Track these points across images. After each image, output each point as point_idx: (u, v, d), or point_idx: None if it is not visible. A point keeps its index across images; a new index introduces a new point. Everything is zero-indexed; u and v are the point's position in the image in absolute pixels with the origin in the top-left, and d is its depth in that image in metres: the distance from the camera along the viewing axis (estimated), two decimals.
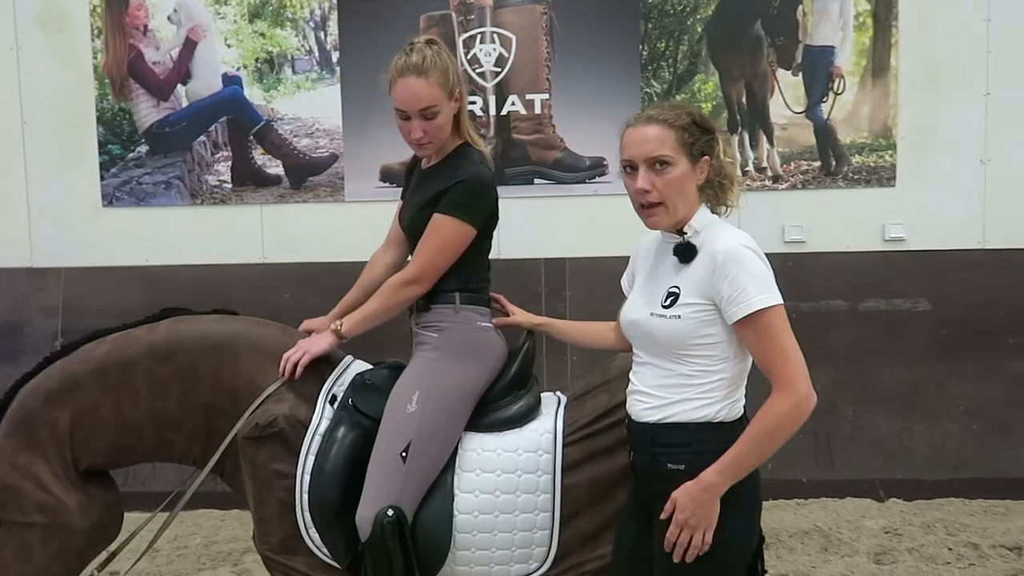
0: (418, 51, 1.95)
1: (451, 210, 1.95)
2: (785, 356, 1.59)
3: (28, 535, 1.96)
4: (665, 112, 1.68)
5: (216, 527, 3.67)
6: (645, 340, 1.71)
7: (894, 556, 3.20)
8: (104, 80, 4.08)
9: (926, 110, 3.92)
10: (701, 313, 1.63)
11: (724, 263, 1.60)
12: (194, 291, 3.94)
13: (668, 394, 1.67)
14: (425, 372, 1.95)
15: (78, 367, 2.00)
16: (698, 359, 1.65)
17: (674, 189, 1.65)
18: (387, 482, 1.86)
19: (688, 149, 1.66)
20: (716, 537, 1.62)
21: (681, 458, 1.65)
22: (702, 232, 1.68)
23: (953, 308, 3.92)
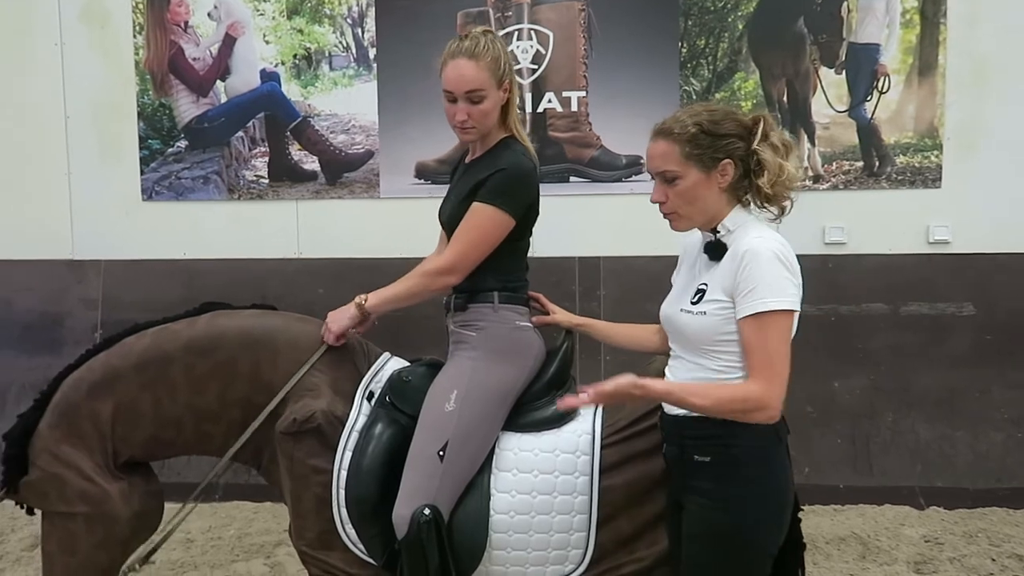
0: (472, 38, 1.96)
1: (489, 198, 1.93)
2: (768, 361, 1.59)
3: (72, 525, 1.99)
4: (673, 123, 1.70)
5: (249, 519, 3.70)
6: (676, 335, 1.75)
7: (935, 566, 3.12)
8: (145, 76, 4.13)
9: (974, 109, 3.82)
10: (724, 310, 1.65)
11: (743, 260, 1.62)
12: (229, 285, 3.98)
13: None
14: (464, 371, 1.94)
15: (119, 360, 2.02)
16: (724, 355, 1.67)
17: (685, 199, 1.69)
18: (424, 480, 1.86)
19: (697, 159, 1.67)
20: (740, 527, 1.64)
21: (708, 450, 1.67)
22: (735, 231, 1.70)
23: (998, 313, 3.82)
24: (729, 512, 1.65)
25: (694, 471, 1.69)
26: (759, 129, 1.69)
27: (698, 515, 1.69)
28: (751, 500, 1.64)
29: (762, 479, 1.65)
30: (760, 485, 1.65)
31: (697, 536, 1.69)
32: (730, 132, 1.68)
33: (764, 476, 1.65)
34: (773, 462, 1.66)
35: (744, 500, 1.64)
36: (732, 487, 1.66)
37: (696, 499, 1.69)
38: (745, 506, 1.64)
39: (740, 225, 1.70)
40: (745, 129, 1.69)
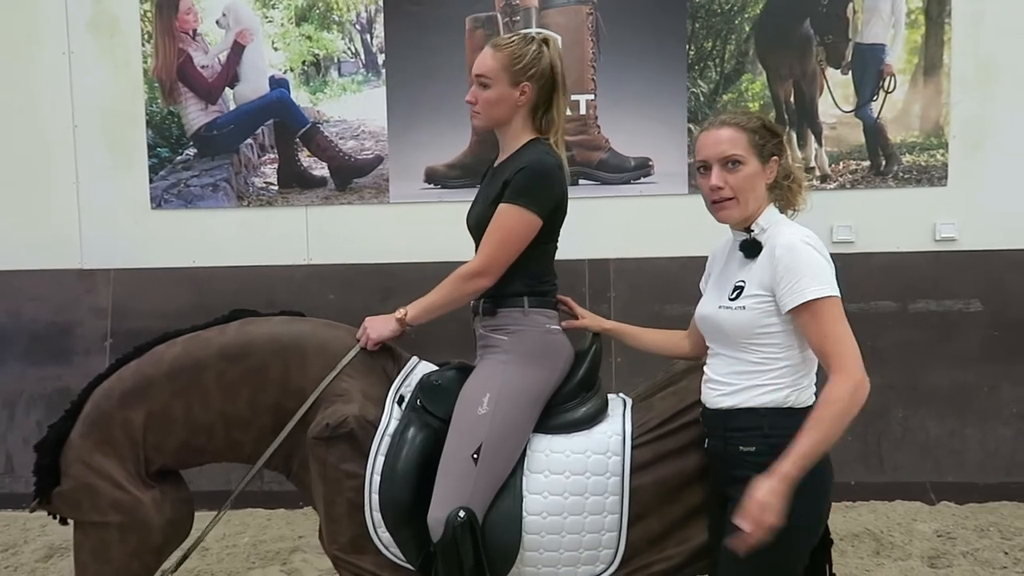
0: (514, 35, 2.04)
1: (514, 198, 1.94)
2: (839, 341, 1.66)
3: (105, 535, 2.00)
4: (737, 117, 1.81)
5: (263, 526, 3.71)
6: (714, 331, 1.82)
7: (949, 560, 3.15)
8: (154, 84, 4.13)
9: (979, 108, 3.86)
10: (763, 304, 1.73)
11: (782, 256, 1.70)
12: (240, 292, 3.98)
13: (738, 380, 1.76)
14: (496, 374, 1.96)
15: (150, 369, 2.02)
16: (763, 347, 1.74)
17: (746, 185, 1.77)
18: (459, 483, 1.87)
19: (759, 150, 1.77)
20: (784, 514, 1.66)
21: (752, 441, 1.73)
22: (768, 230, 1.77)
23: (1006, 309, 3.86)
24: None
25: (739, 462, 1.74)
26: (788, 147, 1.84)
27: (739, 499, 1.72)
28: (795, 488, 1.66)
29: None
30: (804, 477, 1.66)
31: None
32: (780, 134, 1.82)
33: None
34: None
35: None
36: None
37: (743, 489, 1.71)
38: (791, 496, 1.66)
39: (772, 224, 1.79)
40: (784, 138, 1.84)
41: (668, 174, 3.97)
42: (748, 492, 1.64)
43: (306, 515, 3.83)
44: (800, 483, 1.65)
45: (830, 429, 1.63)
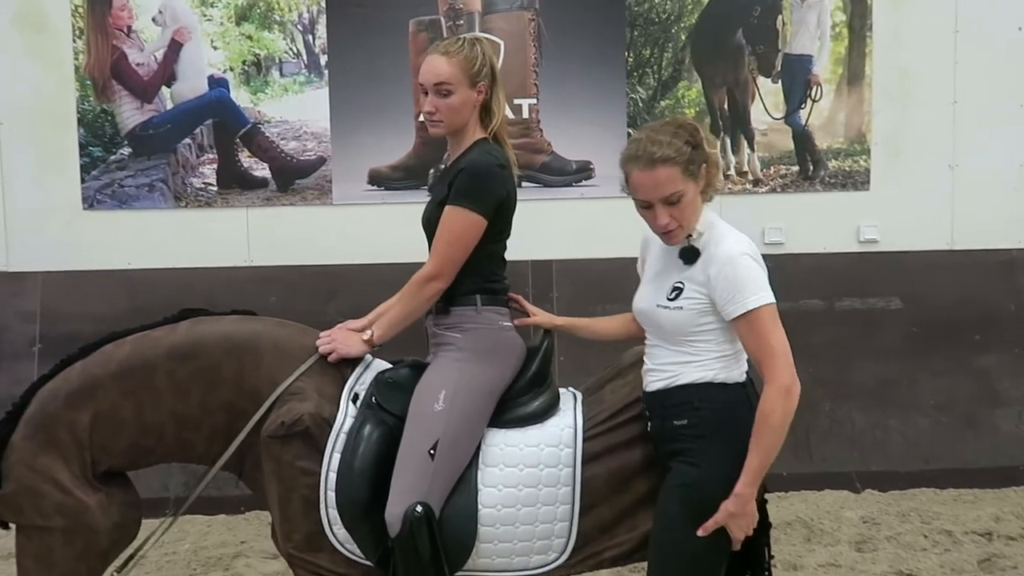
0: (454, 39, 2.06)
1: (456, 200, 1.98)
2: (770, 351, 1.77)
3: (49, 539, 1.95)
4: (666, 149, 1.78)
5: (203, 532, 3.64)
6: (653, 327, 1.92)
7: (874, 544, 3.33)
8: (86, 81, 4.02)
9: (898, 117, 4.09)
10: (699, 305, 1.83)
11: (721, 268, 1.79)
12: (178, 295, 3.89)
13: (674, 367, 1.88)
14: (451, 371, 1.99)
15: (98, 369, 1.99)
16: (698, 343, 1.85)
17: (688, 212, 1.84)
18: (416, 479, 1.90)
19: (691, 174, 1.83)
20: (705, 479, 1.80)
21: (684, 414, 1.84)
22: (705, 233, 1.86)
23: (924, 307, 4.09)
24: (697, 466, 1.82)
25: (674, 436, 1.86)
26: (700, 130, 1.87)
27: (674, 471, 1.85)
28: (718, 456, 1.80)
29: (731, 437, 1.81)
30: (728, 443, 1.81)
31: (669, 488, 1.85)
32: (701, 142, 1.84)
33: (733, 434, 1.81)
34: (741, 423, 1.81)
35: (711, 455, 1.81)
36: (703, 443, 1.82)
37: (675, 459, 1.86)
38: (712, 460, 1.80)
39: (708, 227, 1.86)
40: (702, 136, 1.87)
41: (608, 177, 4.07)
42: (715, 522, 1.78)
43: (248, 520, 3.78)
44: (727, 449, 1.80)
45: (770, 442, 1.77)
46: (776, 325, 1.78)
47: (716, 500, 1.79)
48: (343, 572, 1.98)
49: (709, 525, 1.78)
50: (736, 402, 1.85)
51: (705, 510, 1.80)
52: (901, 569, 3.09)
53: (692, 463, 1.83)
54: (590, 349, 2.20)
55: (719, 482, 1.79)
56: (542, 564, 1.99)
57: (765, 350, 1.77)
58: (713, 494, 1.79)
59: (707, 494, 1.80)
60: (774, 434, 1.76)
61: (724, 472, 1.80)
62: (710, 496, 1.80)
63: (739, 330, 1.80)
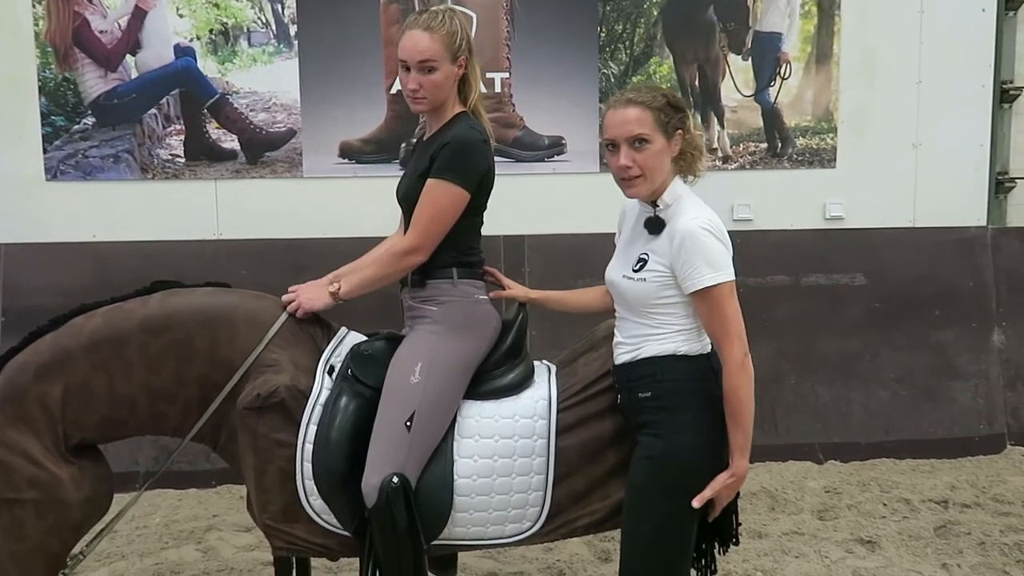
0: (432, 12, 2.02)
1: (439, 174, 1.99)
2: (725, 328, 1.82)
3: (20, 512, 1.94)
4: (642, 95, 1.86)
5: (174, 507, 3.63)
6: (618, 297, 1.96)
7: (836, 513, 3.43)
8: (46, 48, 3.91)
9: (864, 96, 4.16)
10: (662, 278, 1.86)
11: (682, 241, 1.81)
12: (145, 267, 3.85)
13: (638, 340, 1.91)
14: (427, 344, 2.01)
15: (69, 341, 1.97)
16: (660, 315, 1.88)
17: (653, 163, 1.85)
18: (392, 450, 1.92)
19: (664, 127, 1.85)
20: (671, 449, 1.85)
21: (648, 387, 1.88)
22: (672, 205, 1.88)
23: (886, 283, 4.19)
24: (662, 437, 1.86)
25: (640, 408, 1.90)
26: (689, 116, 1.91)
27: (641, 443, 1.90)
28: (682, 425, 1.85)
29: (694, 407, 1.86)
30: (692, 412, 1.86)
31: (637, 460, 1.89)
32: (682, 108, 1.89)
33: (696, 405, 1.86)
34: (703, 393, 1.87)
35: (676, 425, 1.86)
36: (666, 414, 1.86)
37: (642, 431, 1.90)
38: (677, 431, 1.85)
39: (676, 199, 1.89)
40: (687, 110, 1.92)
41: (580, 152, 4.08)
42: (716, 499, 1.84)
43: (219, 494, 3.77)
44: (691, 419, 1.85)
45: (746, 414, 1.82)
46: (732, 302, 1.82)
47: (681, 469, 1.84)
48: (319, 542, 2.00)
49: (706, 495, 1.83)
50: (698, 373, 1.88)
51: (672, 479, 1.84)
52: (861, 536, 3.19)
53: (656, 435, 1.87)
54: (562, 323, 2.23)
55: (683, 452, 1.84)
56: (516, 533, 2.04)
57: (720, 327, 1.81)
58: (678, 464, 1.84)
59: (673, 464, 1.84)
60: (746, 406, 1.82)
61: (687, 442, 1.84)
62: (676, 466, 1.84)
63: (696, 305, 1.84)
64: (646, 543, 1.87)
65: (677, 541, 1.89)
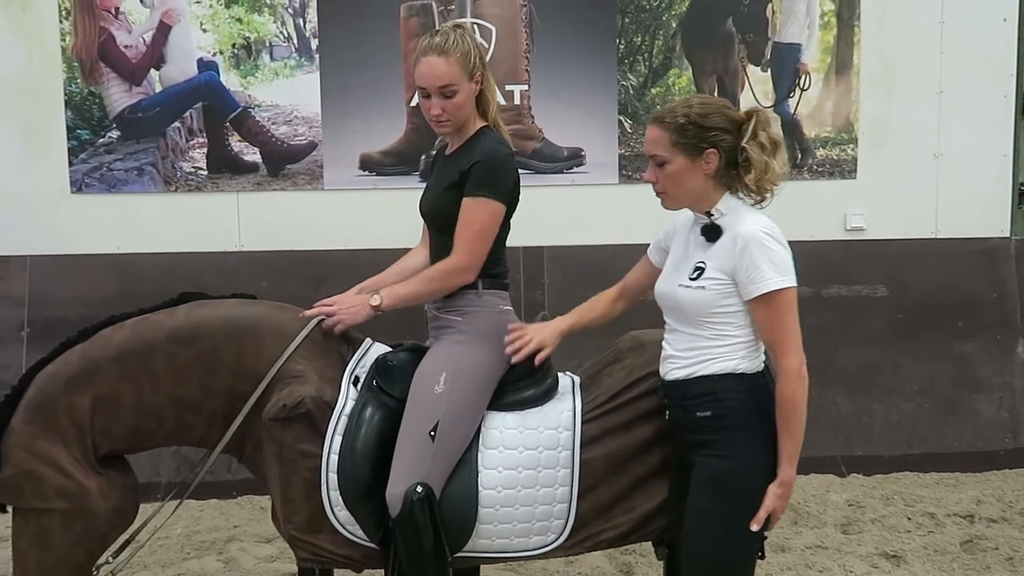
0: (442, 33, 2.03)
1: (477, 191, 2.01)
2: (783, 334, 1.78)
3: (47, 521, 1.96)
4: (665, 113, 1.86)
5: (196, 517, 3.65)
6: (673, 308, 1.90)
7: (859, 527, 3.40)
8: (73, 63, 3.97)
9: (885, 106, 4.13)
10: (722, 285, 1.81)
11: (745, 245, 1.77)
12: (168, 279, 3.89)
13: (695, 354, 1.86)
14: (452, 354, 2.01)
15: (98, 352, 1.99)
16: (718, 325, 1.83)
17: (672, 182, 1.85)
18: (416, 460, 1.92)
19: (683, 147, 1.82)
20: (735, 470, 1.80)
21: (707, 406, 1.84)
22: (728, 215, 1.84)
23: (908, 294, 4.16)
24: (726, 458, 1.82)
25: (698, 427, 1.85)
26: (749, 126, 1.83)
27: (701, 464, 1.84)
28: (745, 445, 1.81)
29: (755, 426, 1.82)
30: (753, 431, 1.82)
31: (699, 482, 1.84)
32: (717, 125, 1.82)
33: (757, 423, 1.82)
34: (764, 411, 1.83)
35: (739, 445, 1.81)
36: (728, 434, 1.82)
37: (701, 451, 1.85)
38: (740, 451, 1.81)
39: (732, 210, 1.85)
40: (735, 124, 1.84)
41: (599, 164, 4.09)
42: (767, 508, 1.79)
43: (240, 505, 3.79)
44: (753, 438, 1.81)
45: (799, 424, 1.79)
46: (793, 309, 1.78)
47: (747, 490, 1.80)
48: (343, 553, 2.00)
49: (761, 516, 1.79)
50: (756, 391, 1.84)
51: (739, 500, 1.80)
52: (886, 551, 3.16)
53: (719, 455, 1.82)
54: (578, 335, 2.22)
55: (748, 471, 1.80)
56: (541, 545, 2.03)
57: (778, 333, 1.77)
58: (744, 484, 1.80)
59: (739, 485, 1.80)
60: (800, 416, 1.79)
61: (752, 461, 1.81)
62: (741, 487, 1.80)
63: (756, 311, 1.79)
64: (717, 568, 1.83)
65: (745, 563, 1.85)
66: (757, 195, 1.87)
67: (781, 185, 1.89)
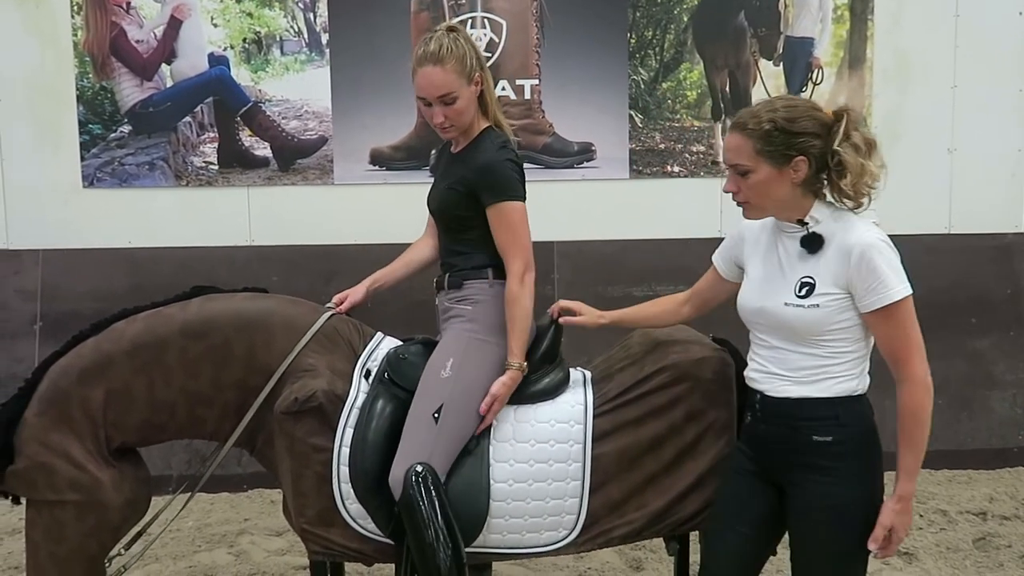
0: (436, 40, 2.02)
1: (496, 198, 2.02)
2: (909, 345, 1.70)
3: (60, 514, 1.96)
4: (748, 120, 1.72)
5: (206, 510, 3.66)
6: (776, 327, 1.77)
7: None
8: (84, 58, 3.99)
9: (898, 101, 4.10)
10: (837, 301, 1.70)
11: (862, 255, 1.67)
12: (179, 273, 3.91)
13: (810, 374, 1.74)
14: (460, 341, 2.03)
15: (110, 345, 2.00)
16: (834, 343, 1.73)
17: (756, 192, 1.74)
18: (419, 442, 1.93)
19: (768, 155, 1.70)
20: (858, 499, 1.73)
21: (829, 431, 1.73)
22: (825, 223, 1.73)
23: (921, 290, 4.00)
24: (849, 487, 1.72)
25: (812, 450, 1.74)
26: (840, 128, 1.70)
27: (816, 491, 1.74)
28: (865, 473, 1.74)
29: (872, 453, 1.76)
30: (871, 458, 1.76)
31: (816, 510, 1.74)
32: (806, 130, 1.70)
33: (873, 450, 1.76)
34: (874, 435, 1.77)
35: (860, 474, 1.74)
36: (850, 461, 1.73)
37: (815, 477, 1.74)
38: (862, 480, 1.74)
39: (828, 217, 1.74)
40: (824, 127, 1.71)
41: (610, 159, 4.07)
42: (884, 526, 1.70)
43: (250, 498, 3.80)
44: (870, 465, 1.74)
45: (923, 438, 1.72)
46: (914, 317, 1.70)
47: (867, 520, 1.73)
48: (355, 547, 2.00)
49: (878, 535, 1.71)
50: (869, 414, 1.79)
51: (861, 528, 1.73)
52: (898, 547, 3.14)
53: (841, 483, 1.72)
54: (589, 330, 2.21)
55: (868, 499, 1.74)
56: (552, 542, 2.02)
57: (904, 343, 1.68)
58: (866, 512, 1.73)
59: (862, 513, 1.73)
60: (925, 429, 1.71)
61: (871, 489, 1.75)
62: (864, 515, 1.73)
63: (876, 323, 1.69)
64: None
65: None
66: (853, 200, 1.73)
67: (879, 186, 1.76)
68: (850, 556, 1.76)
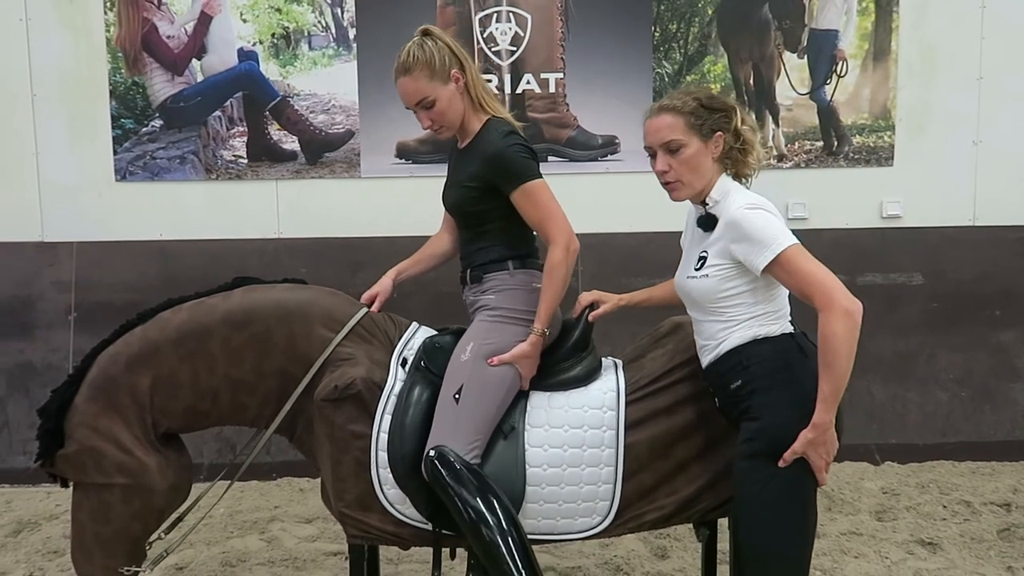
0: (406, 49, 2.09)
1: (516, 183, 2.05)
2: (815, 280, 1.77)
3: (107, 496, 2.03)
4: (674, 100, 1.91)
5: (237, 498, 3.73)
6: (688, 300, 1.98)
7: (894, 514, 3.40)
8: (117, 53, 4.06)
9: (923, 93, 4.10)
10: (723, 271, 1.87)
11: (734, 227, 1.83)
12: (209, 266, 3.98)
13: (716, 338, 1.92)
14: (481, 327, 2.08)
15: (157, 334, 2.06)
16: (727, 309, 1.89)
17: (688, 167, 1.89)
18: (443, 423, 1.98)
19: (698, 130, 1.88)
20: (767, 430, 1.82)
21: (737, 376, 1.88)
22: (721, 202, 1.90)
23: (944, 282, 4.13)
24: (759, 418, 1.84)
25: (735, 399, 1.90)
26: (738, 111, 1.91)
27: (740, 432, 1.89)
28: (776, 404, 1.82)
29: (785, 386, 1.83)
30: (783, 390, 1.83)
31: (738, 447, 1.89)
32: (720, 108, 1.90)
33: (787, 383, 1.83)
34: (795, 370, 1.84)
35: (769, 405, 1.83)
36: (758, 397, 1.85)
37: (741, 421, 1.90)
38: (771, 410, 1.83)
39: (724, 195, 1.90)
40: (731, 109, 1.91)
41: (634, 152, 4.09)
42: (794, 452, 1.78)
43: (279, 487, 3.87)
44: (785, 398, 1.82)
45: (839, 366, 1.74)
46: (810, 258, 1.79)
47: (779, 445, 1.80)
48: (392, 531, 2.06)
49: (788, 456, 1.78)
50: (783, 352, 1.86)
51: (770, 454, 1.80)
52: (922, 538, 3.16)
53: (752, 418, 1.85)
54: (613, 319, 2.26)
55: (780, 428, 1.80)
56: (586, 528, 2.06)
57: (808, 282, 1.76)
58: (775, 439, 1.80)
59: (769, 440, 1.81)
60: (840, 357, 1.73)
61: (784, 417, 1.81)
62: (772, 442, 1.80)
63: (777, 277, 1.81)
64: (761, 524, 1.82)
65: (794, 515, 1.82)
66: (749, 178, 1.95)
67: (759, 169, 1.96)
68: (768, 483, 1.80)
